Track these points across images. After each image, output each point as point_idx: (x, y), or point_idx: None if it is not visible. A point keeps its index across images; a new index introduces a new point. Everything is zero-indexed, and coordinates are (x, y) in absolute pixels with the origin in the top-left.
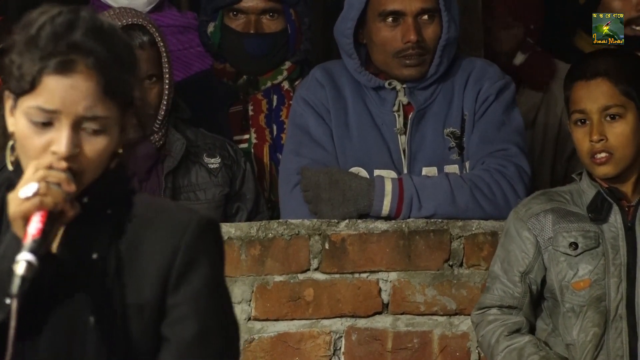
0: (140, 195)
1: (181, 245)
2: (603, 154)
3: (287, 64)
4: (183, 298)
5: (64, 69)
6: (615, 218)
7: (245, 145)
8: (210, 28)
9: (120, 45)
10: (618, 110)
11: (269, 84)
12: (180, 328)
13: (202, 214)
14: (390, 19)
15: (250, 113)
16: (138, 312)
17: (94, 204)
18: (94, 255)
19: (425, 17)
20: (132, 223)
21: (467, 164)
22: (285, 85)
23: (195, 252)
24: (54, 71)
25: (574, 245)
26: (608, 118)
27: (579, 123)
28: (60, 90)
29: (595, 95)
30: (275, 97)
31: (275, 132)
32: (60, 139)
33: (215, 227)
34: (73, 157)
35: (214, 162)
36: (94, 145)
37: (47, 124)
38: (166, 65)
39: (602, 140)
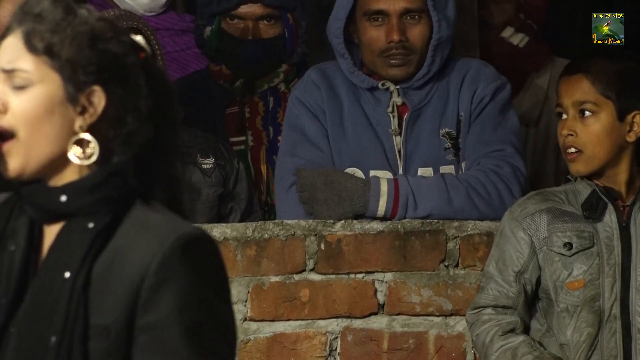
0: (137, 207)
1: (152, 265)
2: (573, 150)
3: (284, 67)
4: (151, 321)
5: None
6: (610, 218)
7: (241, 147)
8: (207, 32)
9: (50, 8)
10: (592, 107)
11: (265, 86)
12: (147, 354)
13: (185, 231)
14: (375, 18)
15: (247, 115)
16: (103, 333)
17: (73, 211)
18: (67, 274)
19: (411, 17)
20: (112, 241)
21: (462, 165)
22: (282, 87)
23: (166, 272)
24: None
25: (568, 245)
26: (582, 114)
27: (559, 117)
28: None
29: (572, 90)
30: (271, 99)
31: (272, 135)
32: None
33: (199, 244)
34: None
35: (207, 163)
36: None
37: None
38: None
39: (571, 135)
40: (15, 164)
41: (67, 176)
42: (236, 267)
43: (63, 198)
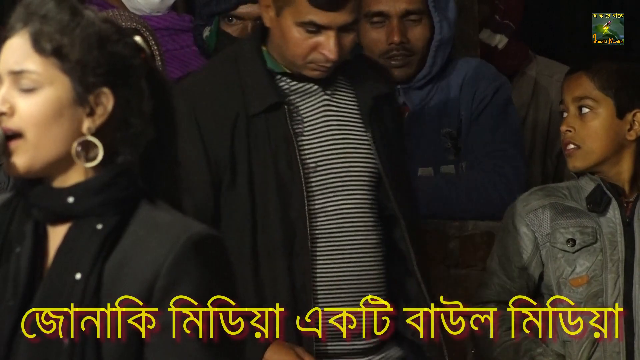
0: (144, 207)
1: (165, 265)
2: (571, 146)
3: None
4: (162, 322)
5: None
6: (614, 213)
7: None
8: (206, 32)
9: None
10: (590, 104)
11: None
12: (159, 354)
13: (196, 230)
14: (376, 19)
15: None
16: None
17: (80, 212)
18: (77, 276)
19: (411, 18)
20: (121, 241)
21: (463, 165)
22: None
23: (179, 272)
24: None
25: (571, 241)
26: (581, 110)
27: (562, 115)
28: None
29: (572, 87)
30: None
31: None
32: None
33: (210, 243)
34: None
35: None
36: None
37: None
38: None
39: (569, 131)
40: (21, 162)
41: (73, 177)
42: None
43: (70, 199)
